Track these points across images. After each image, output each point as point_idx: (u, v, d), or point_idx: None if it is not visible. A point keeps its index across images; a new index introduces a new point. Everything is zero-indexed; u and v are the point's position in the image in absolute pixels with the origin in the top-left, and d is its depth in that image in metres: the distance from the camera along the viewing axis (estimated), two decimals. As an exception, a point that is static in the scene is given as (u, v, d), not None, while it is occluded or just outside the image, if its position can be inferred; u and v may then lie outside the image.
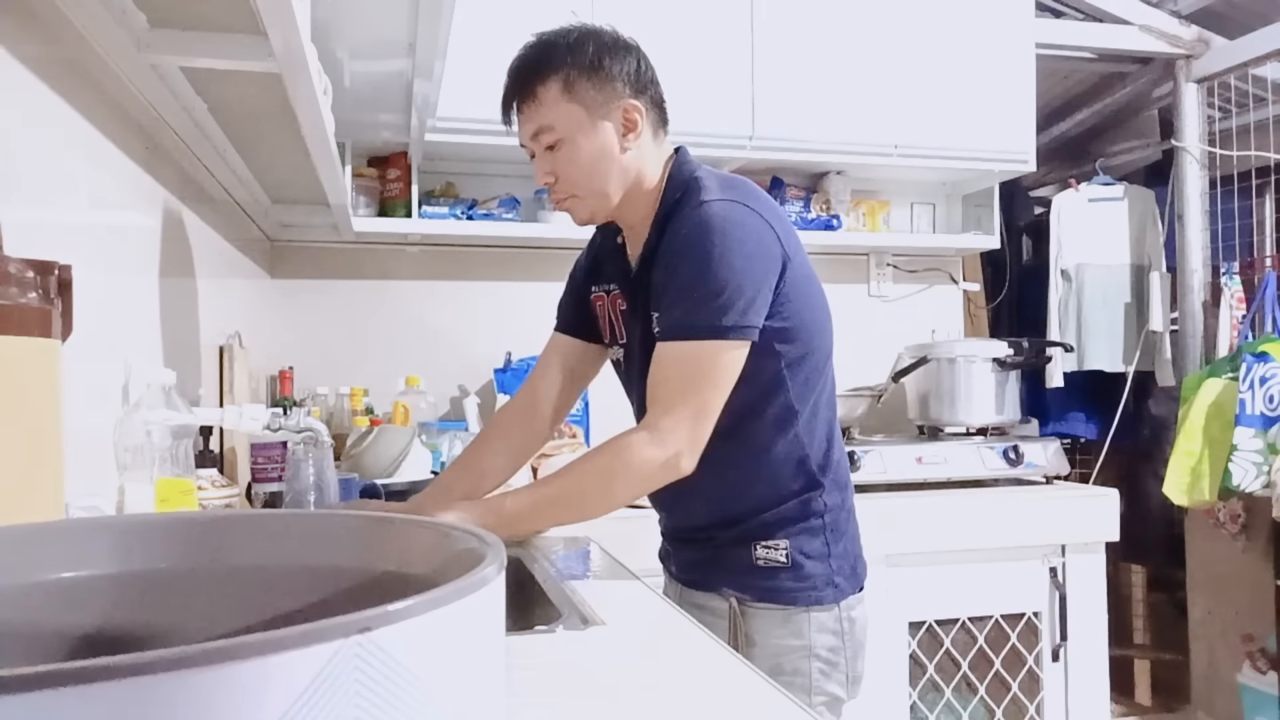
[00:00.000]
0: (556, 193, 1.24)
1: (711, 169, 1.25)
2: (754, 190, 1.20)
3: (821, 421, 1.24)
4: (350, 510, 0.54)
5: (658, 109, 1.24)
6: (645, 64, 1.22)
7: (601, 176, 1.20)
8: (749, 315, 1.11)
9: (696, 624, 0.97)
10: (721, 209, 1.13)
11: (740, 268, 1.10)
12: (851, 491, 1.29)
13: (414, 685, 0.30)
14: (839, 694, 1.22)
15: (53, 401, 0.67)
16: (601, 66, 1.17)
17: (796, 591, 1.20)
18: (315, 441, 1.38)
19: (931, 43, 2.51)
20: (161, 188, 1.46)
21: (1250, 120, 2.75)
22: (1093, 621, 2.23)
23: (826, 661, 1.21)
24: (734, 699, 0.75)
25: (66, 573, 0.44)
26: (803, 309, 1.18)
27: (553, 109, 1.18)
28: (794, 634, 1.20)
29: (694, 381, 1.12)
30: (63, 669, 0.23)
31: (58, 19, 1.01)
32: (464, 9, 1.67)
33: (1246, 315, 2.67)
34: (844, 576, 1.23)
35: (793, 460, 1.21)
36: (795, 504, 1.22)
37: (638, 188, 1.23)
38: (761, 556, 1.21)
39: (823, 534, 1.22)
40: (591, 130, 1.18)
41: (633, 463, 1.13)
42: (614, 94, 1.18)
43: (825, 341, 1.24)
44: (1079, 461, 2.99)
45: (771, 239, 1.14)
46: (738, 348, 1.12)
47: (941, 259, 2.92)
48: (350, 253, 2.54)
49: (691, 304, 1.12)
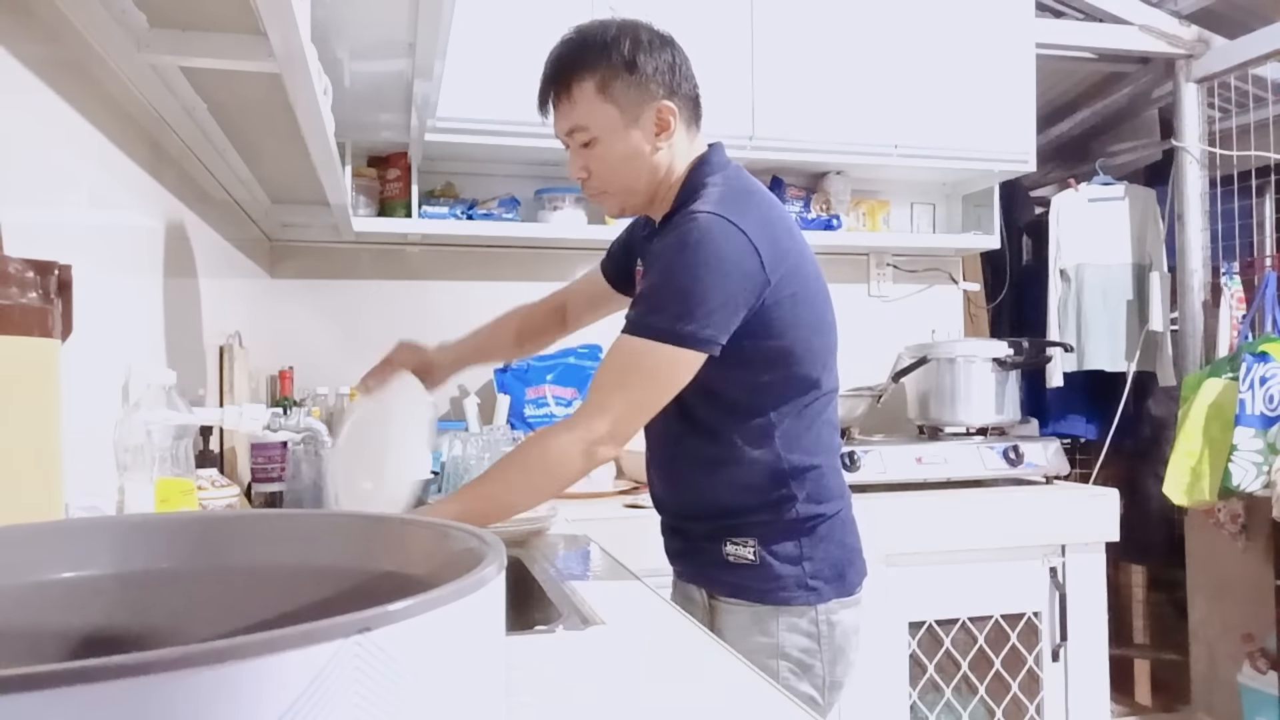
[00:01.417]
0: (589, 188, 1.26)
1: (731, 177, 1.23)
2: (755, 207, 1.18)
3: (809, 435, 1.22)
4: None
5: (692, 104, 1.25)
6: (681, 58, 1.23)
7: (633, 175, 1.22)
8: (708, 328, 1.10)
9: (697, 624, 0.97)
10: (705, 221, 1.13)
11: (707, 280, 1.10)
12: (844, 501, 1.28)
13: (414, 685, 0.30)
14: (814, 697, 1.21)
15: (53, 401, 0.67)
16: (637, 67, 1.18)
17: (764, 590, 1.21)
18: (315, 441, 1.38)
19: (931, 43, 2.51)
20: (162, 187, 1.46)
21: (1250, 120, 2.75)
22: (1093, 621, 2.23)
23: (798, 663, 1.20)
24: (734, 699, 0.75)
25: (66, 573, 0.44)
26: (791, 330, 1.17)
27: (587, 109, 1.19)
28: (761, 632, 1.20)
29: (632, 377, 1.14)
30: (63, 669, 0.23)
31: (58, 19, 1.01)
32: (464, 9, 1.67)
33: (1246, 315, 2.67)
34: (824, 580, 1.21)
35: (768, 469, 1.21)
36: (768, 508, 1.22)
37: (665, 182, 1.24)
38: (731, 553, 1.23)
39: (797, 538, 1.21)
40: (624, 131, 1.19)
41: (551, 450, 1.15)
42: (649, 95, 1.19)
43: (818, 361, 1.22)
44: (1079, 461, 2.99)
45: (751, 259, 1.12)
46: (686, 355, 1.12)
47: (941, 259, 2.92)
48: (350, 253, 2.53)
49: (653, 304, 1.13)
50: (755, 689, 0.76)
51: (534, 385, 2.45)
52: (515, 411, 2.40)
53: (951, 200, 2.90)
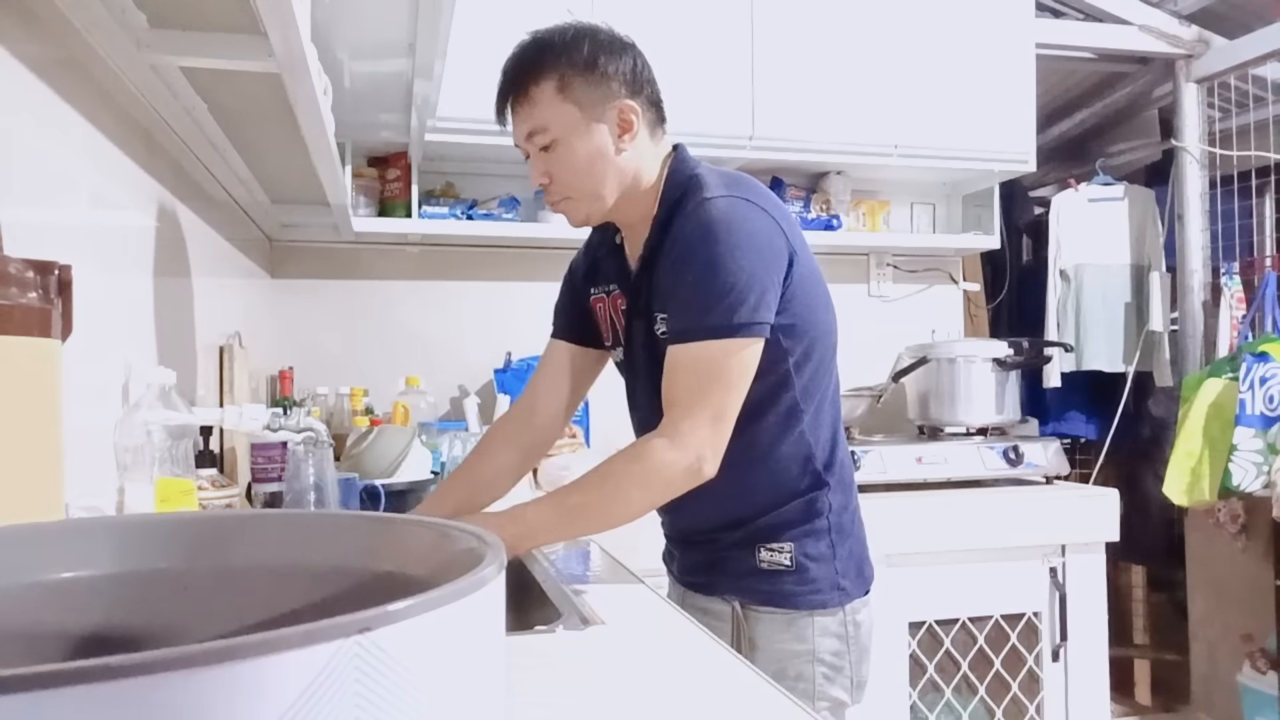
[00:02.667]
0: (551, 194, 1.22)
1: (711, 166, 1.23)
2: (755, 185, 1.19)
3: (826, 420, 1.23)
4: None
5: (655, 108, 1.22)
6: (642, 62, 1.20)
7: (597, 178, 1.18)
8: (760, 312, 1.10)
9: (697, 625, 0.97)
10: (726, 205, 1.12)
11: (748, 265, 1.09)
12: (856, 493, 1.28)
13: (414, 685, 0.30)
14: (843, 698, 1.21)
15: (53, 401, 0.67)
16: (597, 66, 1.15)
17: (800, 595, 1.19)
18: (315, 441, 1.38)
19: (931, 43, 2.51)
20: (162, 187, 1.46)
21: (1250, 120, 2.75)
22: (1093, 621, 2.23)
23: (830, 666, 1.19)
24: (734, 700, 0.75)
25: (66, 573, 0.44)
26: (808, 306, 1.17)
27: (547, 110, 1.16)
28: (797, 638, 1.19)
29: (710, 383, 1.10)
30: (63, 669, 0.23)
31: (58, 19, 1.01)
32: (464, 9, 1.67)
33: (1246, 315, 2.67)
34: (849, 580, 1.21)
35: (799, 459, 1.20)
36: (800, 505, 1.20)
37: (635, 187, 1.21)
38: (765, 559, 1.20)
39: (827, 535, 1.20)
40: (586, 132, 1.16)
41: (654, 468, 1.10)
42: (610, 94, 1.16)
43: (829, 339, 1.22)
44: (1079, 461, 2.99)
45: (777, 234, 1.13)
46: (750, 345, 1.10)
47: (941, 259, 2.92)
48: (350, 253, 2.54)
49: (701, 305, 1.10)
50: (755, 689, 0.76)
51: (534, 385, 2.45)
52: (515, 411, 2.39)
53: (951, 200, 2.90)
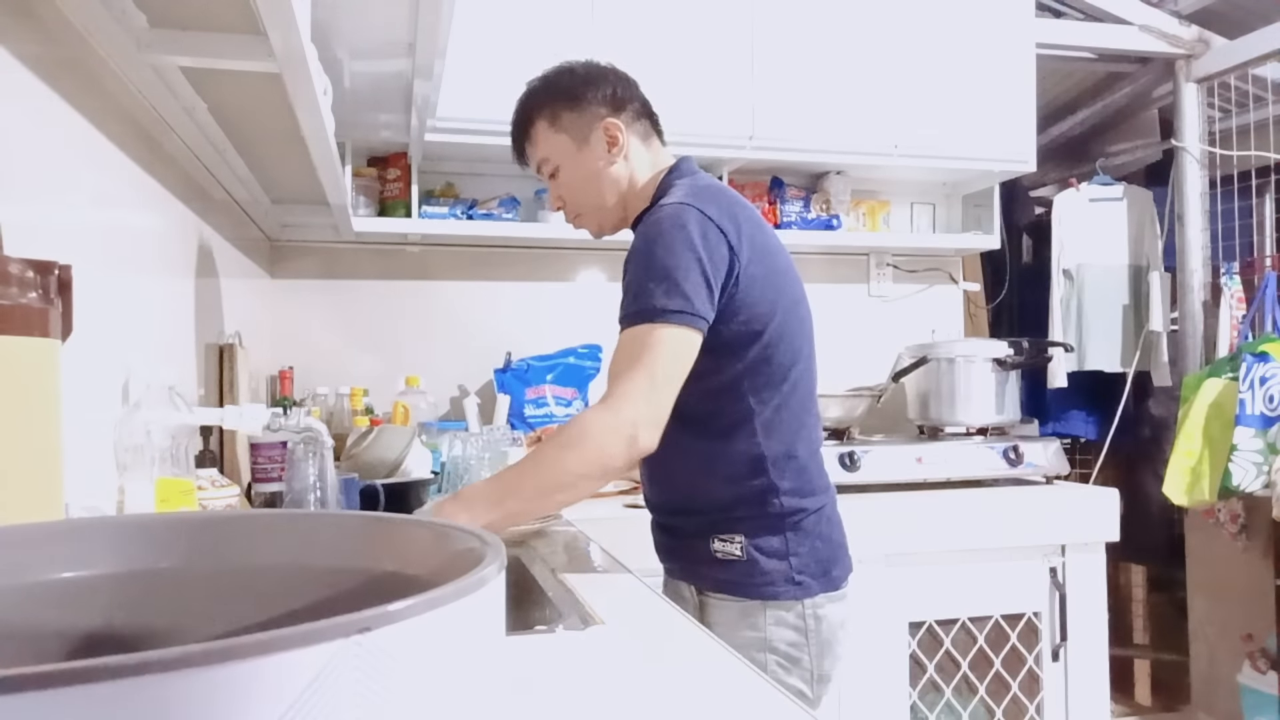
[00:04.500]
0: (567, 214, 1.39)
1: (699, 180, 1.29)
2: (719, 197, 1.24)
3: (788, 424, 1.25)
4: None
5: (644, 118, 1.35)
6: (622, 83, 1.34)
7: (595, 192, 1.33)
8: (693, 303, 1.14)
9: (696, 624, 0.98)
10: (672, 210, 1.20)
11: (682, 261, 1.15)
12: (828, 496, 1.30)
13: (414, 685, 0.30)
14: (803, 689, 1.24)
15: (53, 401, 0.67)
16: (577, 96, 1.31)
17: (751, 585, 1.23)
18: (315, 441, 1.38)
19: (931, 43, 2.51)
20: (161, 187, 1.46)
21: (1250, 120, 2.75)
22: (1093, 621, 2.23)
23: (786, 657, 1.23)
24: (734, 699, 0.75)
25: (66, 573, 0.44)
26: (763, 314, 1.21)
27: (545, 144, 1.34)
28: (750, 626, 1.23)
29: (640, 360, 1.14)
30: (63, 669, 0.23)
31: (58, 19, 1.01)
32: (464, 9, 1.67)
33: (1246, 315, 2.67)
34: (810, 575, 1.24)
35: (748, 458, 1.24)
36: (751, 502, 1.24)
37: (633, 192, 1.34)
38: (719, 549, 1.25)
39: (783, 533, 1.24)
40: (579, 155, 1.32)
41: (587, 432, 1.12)
42: (595, 117, 1.31)
43: (793, 343, 1.25)
44: (1079, 461, 2.99)
45: (718, 238, 1.18)
46: (681, 332, 1.14)
47: (941, 259, 2.92)
48: (350, 253, 2.54)
49: (634, 294, 1.17)
50: (755, 689, 0.76)
51: (534, 385, 2.45)
52: (515, 411, 2.40)
53: (951, 200, 2.90)
